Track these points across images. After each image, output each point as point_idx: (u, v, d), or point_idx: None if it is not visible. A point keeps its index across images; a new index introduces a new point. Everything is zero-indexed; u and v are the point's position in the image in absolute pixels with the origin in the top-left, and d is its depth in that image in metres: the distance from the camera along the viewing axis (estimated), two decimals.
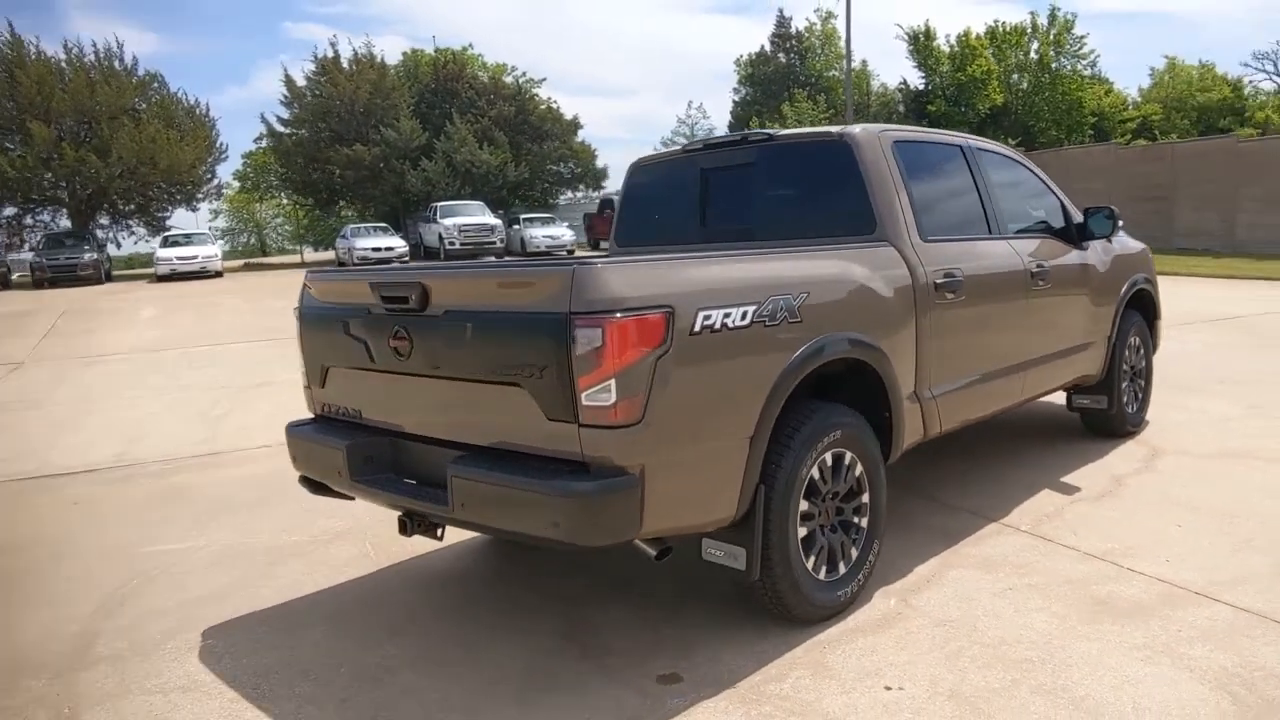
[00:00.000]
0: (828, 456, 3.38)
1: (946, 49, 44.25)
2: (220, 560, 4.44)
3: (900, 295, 3.78)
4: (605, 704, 2.98)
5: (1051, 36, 44.06)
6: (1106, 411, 5.63)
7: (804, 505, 3.29)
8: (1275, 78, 61.82)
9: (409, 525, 3.34)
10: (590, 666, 3.23)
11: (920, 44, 44.98)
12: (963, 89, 43.29)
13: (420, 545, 4.36)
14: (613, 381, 2.68)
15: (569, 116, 42.77)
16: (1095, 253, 5.40)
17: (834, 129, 4.11)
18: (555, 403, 2.78)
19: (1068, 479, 5.02)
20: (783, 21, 49.49)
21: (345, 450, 3.43)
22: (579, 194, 44.45)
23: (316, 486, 3.80)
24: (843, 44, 49.92)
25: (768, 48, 49.52)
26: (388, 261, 27.56)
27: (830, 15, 49.68)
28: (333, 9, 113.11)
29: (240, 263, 42.65)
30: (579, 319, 2.68)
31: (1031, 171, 5.33)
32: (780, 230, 4.23)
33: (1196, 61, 53.52)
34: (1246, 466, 5.12)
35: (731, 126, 50.85)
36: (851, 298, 3.54)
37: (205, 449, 6.74)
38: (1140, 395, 6.03)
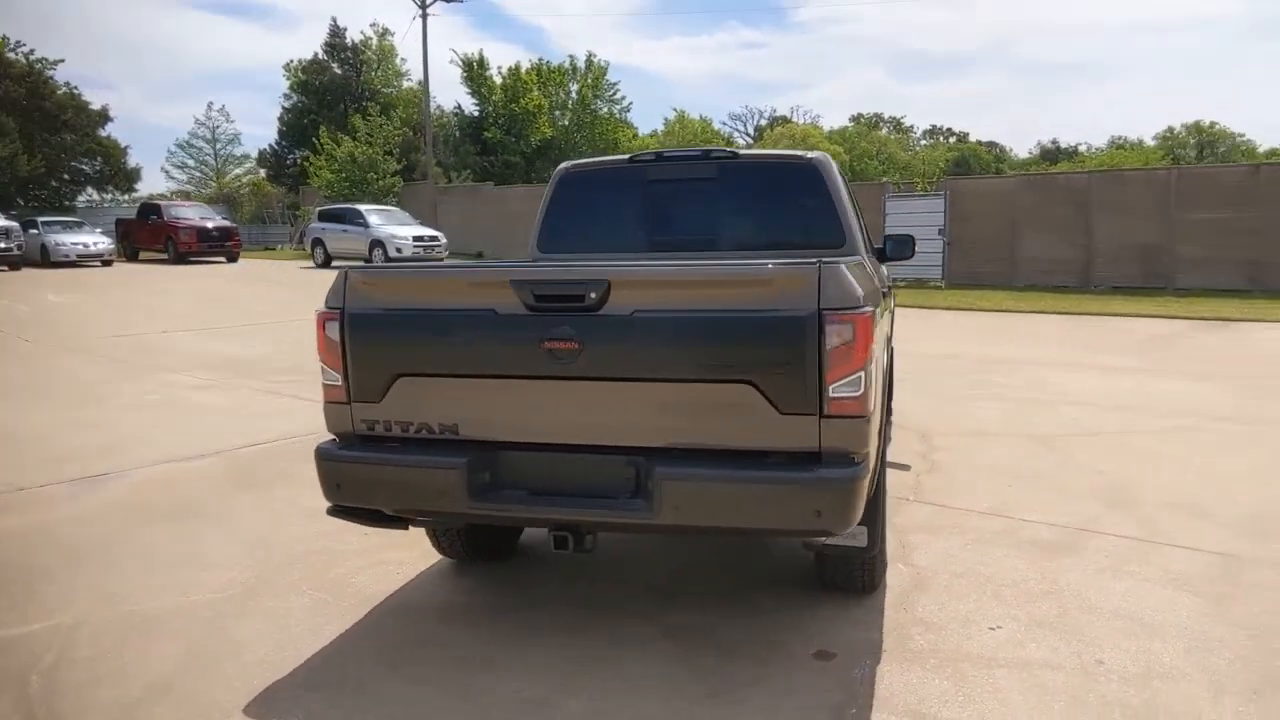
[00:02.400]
0: None
1: (499, 79, 46.60)
2: None
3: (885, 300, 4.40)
4: (800, 686, 3.11)
5: (589, 80, 48.85)
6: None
7: None
8: (747, 136, 75.07)
9: (566, 541, 3.09)
10: (744, 660, 3.30)
11: (474, 72, 46.85)
12: (515, 119, 45.99)
13: (393, 579, 3.91)
14: (861, 374, 2.86)
15: (96, 107, 36.73)
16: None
17: (801, 153, 4.59)
18: (795, 397, 2.85)
19: (891, 461, 6.05)
20: (337, 31, 47.98)
21: (465, 468, 3.04)
22: (107, 196, 38.26)
23: (362, 515, 3.28)
24: (399, 61, 50.03)
25: (321, 55, 47.57)
26: (432, 255, 25.42)
27: (387, 31, 49.37)
28: None
29: None
30: (831, 315, 2.82)
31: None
32: (750, 242, 4.59)
33: (698, 116, 63.10)
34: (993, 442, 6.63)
35: (283, 134, 47.83)
36: (887, 301, 4.06)
37: None
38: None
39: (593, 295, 2.95)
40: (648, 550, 4.44)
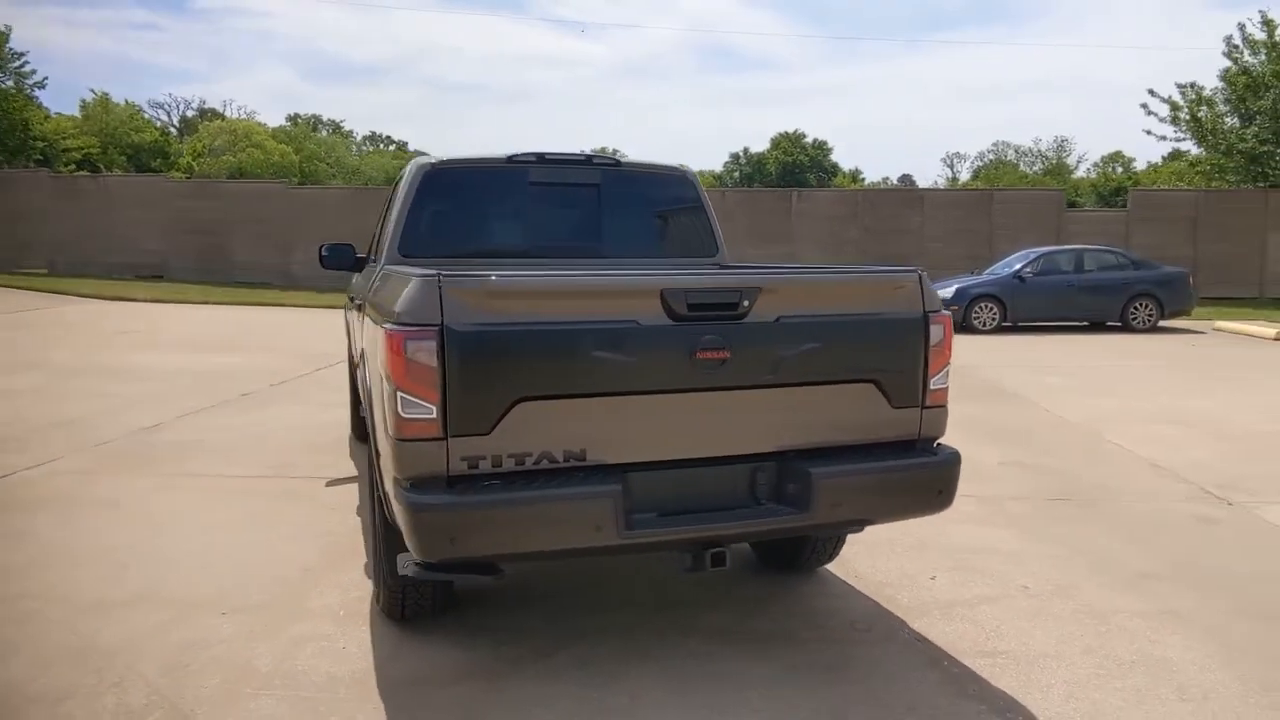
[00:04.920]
0: None
1: None
2: None
3: None
4: (882, 655, 3.40)
5: None
6: None
7: None
8: (173, 127, 67.37)
9: (706, 560, 2.94)
10: (813, 644, 3.47)
11: None
12: None
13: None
14: (948, 368, 3.26)
15: None
16: None
17: (679, 165, 4.75)
18: (906, 391, 3.15)
19: None
20: None
21: (618, 496, 2.74)
22: None
23: (458, 568, 2.78)
24: None
25: None
26: None
27: None
28: None
29: None
30: (933, 316, 3.18)
31: None
32: (632, 249, 4.61)
33: (124, 101, 54.97)
34: None
35: None
36: None
37: None
38: None
39: (745, 303, 2.90)
40: (601, 575, 4.25)
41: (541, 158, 4.50)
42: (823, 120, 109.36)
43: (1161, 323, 16.28)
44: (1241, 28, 24.18)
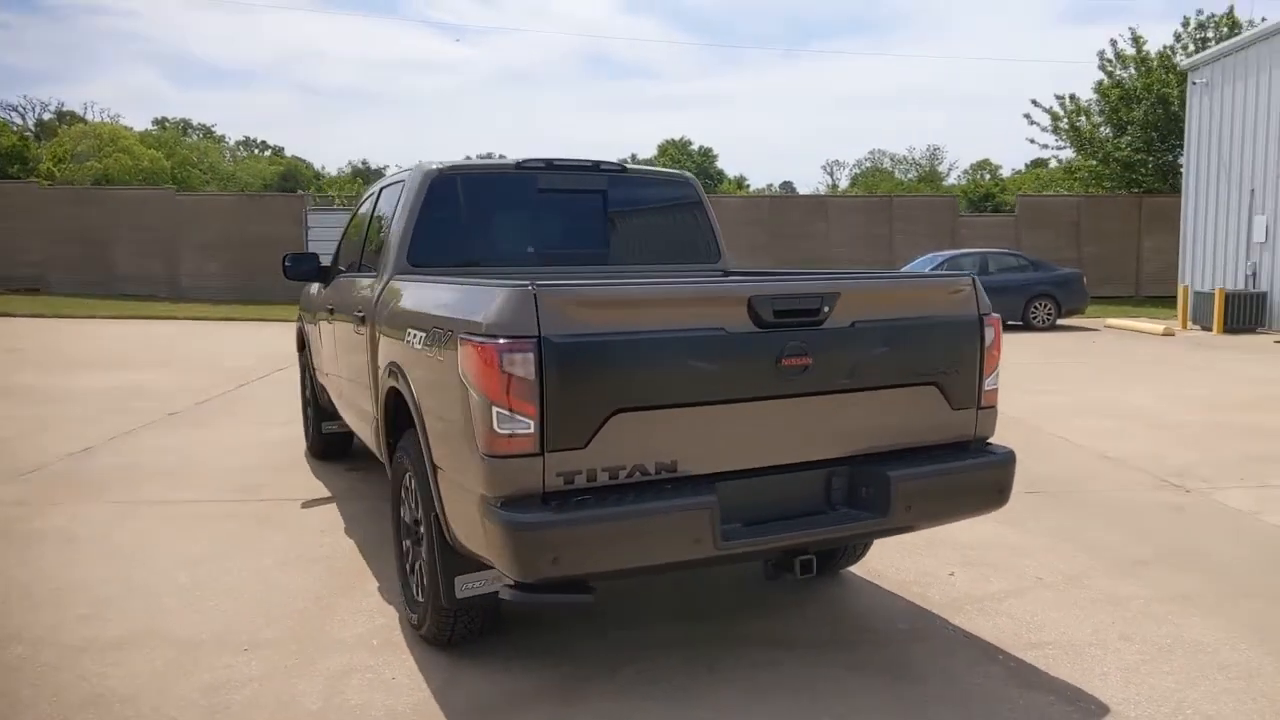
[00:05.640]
0: None
1: None
2: None
3: None
4: (944, 649, 3.44)
5: None
6: None
7: None
8: (29, 131, 62.90)
9: (796, 567, 2.92)
10: (863, 651, 3.48)
11: None
12: None
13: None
14: (999, 370, 3.33)
15: None
16: None
17: (682, 171, 4.70)
18: (964, 393, 3.20)
19: None
20: None
21: (714, 507, 2.69)
22: None
23: (558, 588, 2.68)
24: None
25: None
26: None
27: None
28: None
29: None
30: (986, 319, 3.25)
31: None
32: (637, 257, 4.55)
33: None
34: None
35: None
36: None
37: None
38: None
39: (825, 309, 2.89)
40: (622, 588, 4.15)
41: (550, 163, 4.39)
42: (705, 128, 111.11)
43: (1059, 321, 17.21)
44: (1114, 43, 25.90)
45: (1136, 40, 25.45)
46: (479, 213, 4.29)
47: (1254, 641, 3.52)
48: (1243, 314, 16.39)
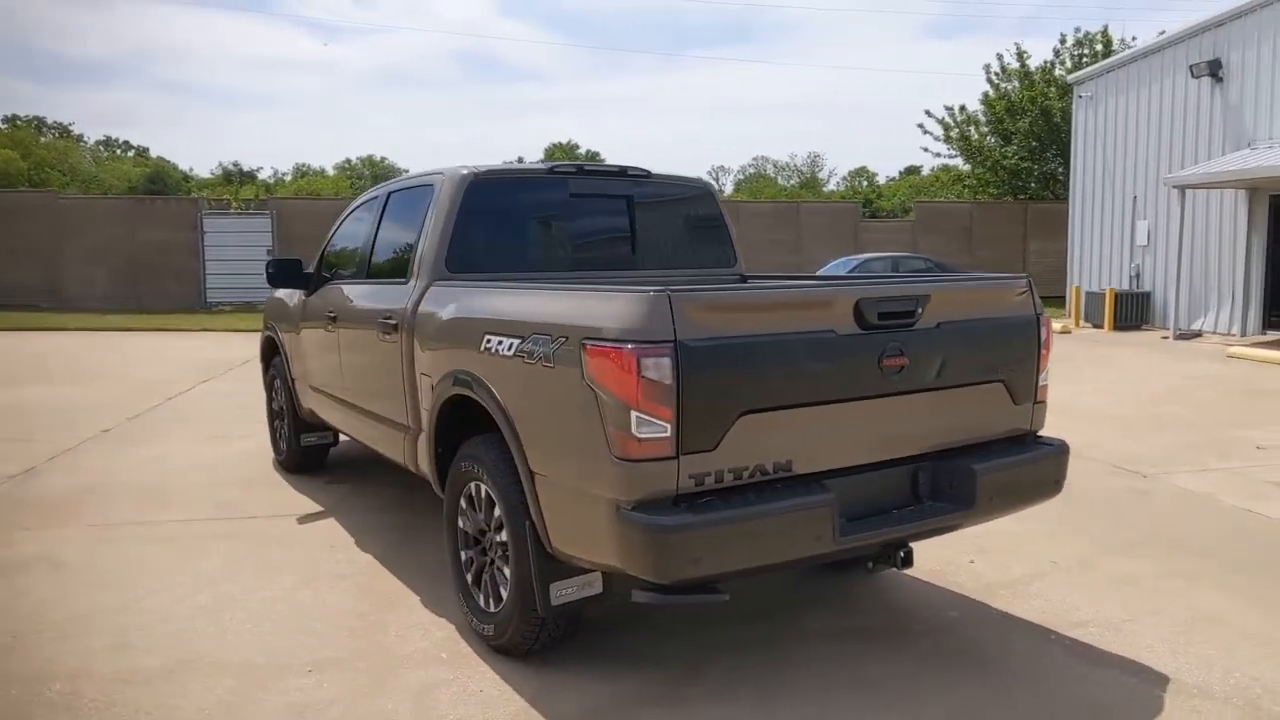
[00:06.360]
0: None
1: None
2: None
3: None
4: (996, 636, 3.61)
5: None
6: None
7: None
8: None
9: (897, 559, 3.04)
10: (926, 641, 3.62)
11: None
12: None
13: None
14: (1049, 366, 3.53)
15: None
16: None
17: (696, 177, 4.77)
18: (1024, 388, 3.39)
19: None
20: None
21: (832, 504, 2.77)
22: None
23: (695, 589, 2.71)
24: None
25: None
26: None
27: None
28: None
29: None
30: (1042, 318, 3.45)
31: None
32: (662, 262, 4.59)
33: None
34: None
35: None
36: None
37: None
38: None
39: (919, 310, 3.02)
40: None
41: (580, 169, 4.38)
42: (590, 130, 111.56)
43: None
44: (1000, 57, 27.42)
45: (1020, 55, 27.02)
46: (515, 218, 4.25)
47: (1262, 612, 3.83)
48: (1130, 312, 17.61)
